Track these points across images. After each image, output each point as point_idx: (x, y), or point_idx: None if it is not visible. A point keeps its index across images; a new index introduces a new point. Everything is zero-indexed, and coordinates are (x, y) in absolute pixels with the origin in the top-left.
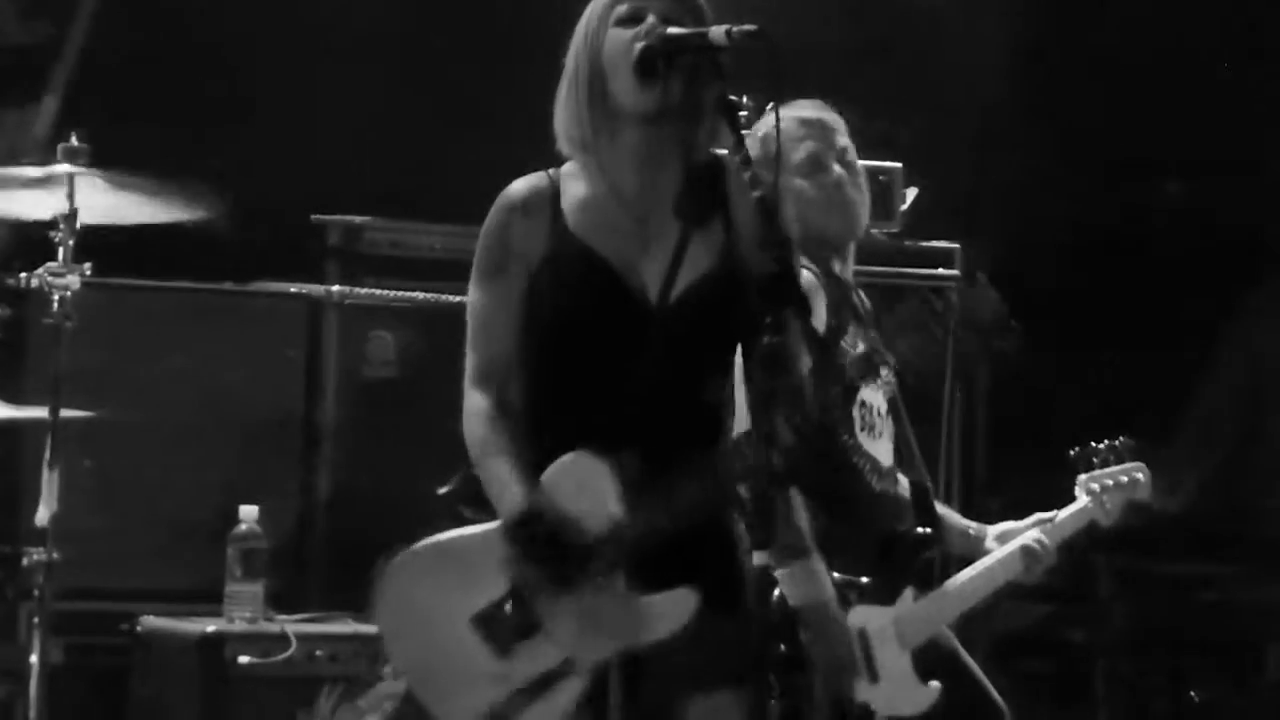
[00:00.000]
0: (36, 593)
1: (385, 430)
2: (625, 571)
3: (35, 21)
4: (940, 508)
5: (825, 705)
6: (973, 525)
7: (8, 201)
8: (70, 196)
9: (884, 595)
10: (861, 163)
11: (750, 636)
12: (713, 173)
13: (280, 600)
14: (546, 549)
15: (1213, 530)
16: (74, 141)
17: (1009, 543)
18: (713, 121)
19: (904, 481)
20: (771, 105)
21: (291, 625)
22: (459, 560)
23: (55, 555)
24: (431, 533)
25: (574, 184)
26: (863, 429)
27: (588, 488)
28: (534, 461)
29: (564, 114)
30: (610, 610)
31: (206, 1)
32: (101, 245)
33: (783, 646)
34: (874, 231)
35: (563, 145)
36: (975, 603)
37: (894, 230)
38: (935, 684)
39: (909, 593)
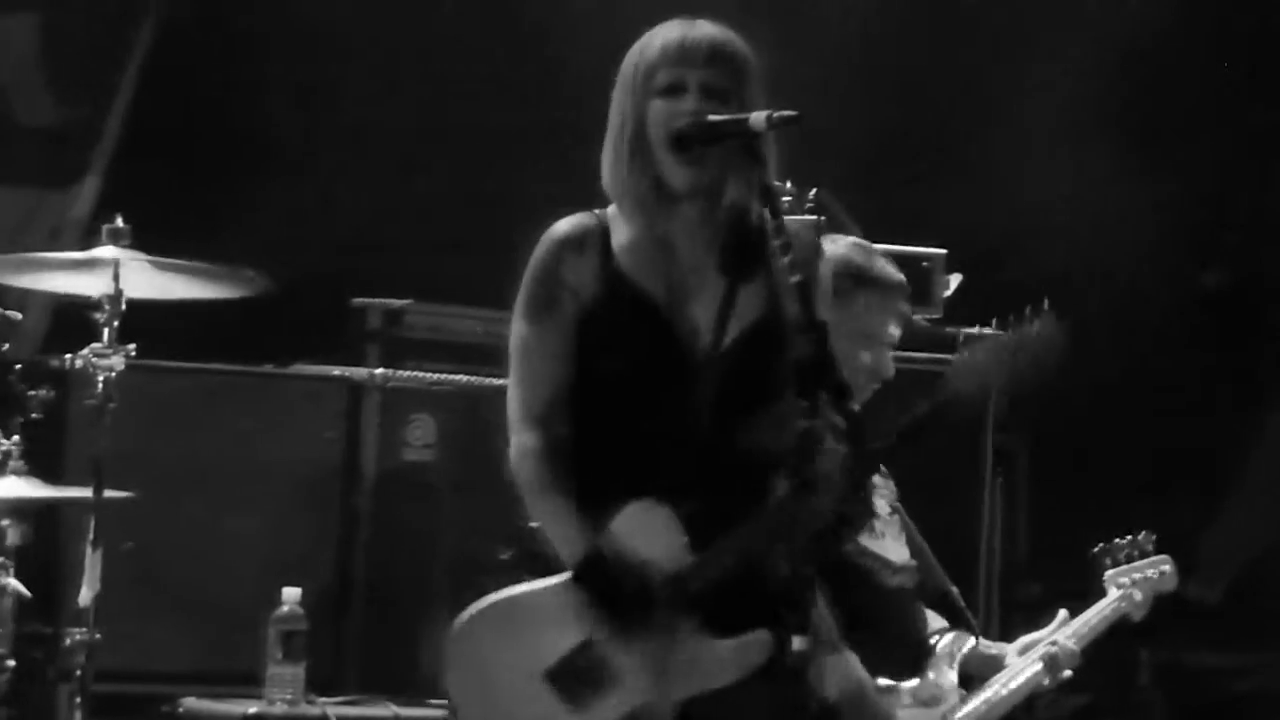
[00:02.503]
0: (78, 674)
1: (424, 514)
2: (696, 617)
3: (75, 104)
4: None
5: None
6: (993, 645)
7: (50, 283)
8: (115, 277)
9: (926, 700)
10: (902, 248)
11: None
12: (755, 227)
13: (319, 682)
14: (616, 588)
15: (1249, 619)
16: (118, 223)
17: (1031, 652)
18: (753, 198)
19: (917, 577)
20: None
21: (332, 708)
22: (528, 614)
23: (96, 636)
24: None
25: (621, 225)
26: (862, 530)
27: (655, 536)
28: (584, 502)
29: (610, 172)
30: (682, 656)
31: (247, 84)
32: (144, 326)
33: None
34: (915, 317)
35: (610, 194)
36: (1009, 708)
37: (935, 316)
38: None
39: (955, 695)
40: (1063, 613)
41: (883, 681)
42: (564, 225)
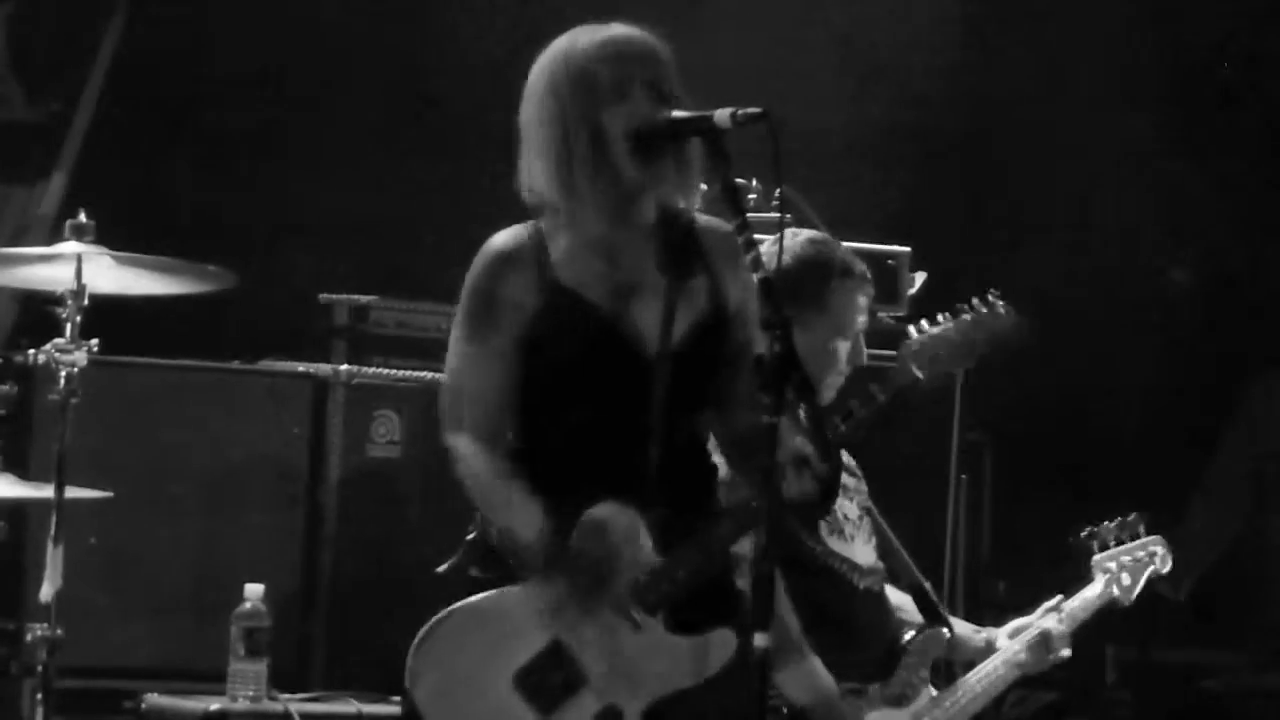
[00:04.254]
0: (40, 669)
1: (389, 509)
2: (662, 617)
3: (43, 100)
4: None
5: None
6: (983, 630)
7: (15, 278)
8: (78, 273)
9: (897, 698)
10: (869, 246)
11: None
12: (686, 227)
13: (282, 679)
14: (584, 553)
15: (1216, 618)
16: (82, 218)
17: (1022, 636)
18: (681, 196)
19: (887, 580)
20: (777, 188)
21: (295, 705)
22: (495, 620)
23: (59, 632)
24: (436, 610)
25: (557, 235)
26: (831, 533)
27: (623, 538)
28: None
29: (554, 178)
30: (651, 655)
31: (214, 83)
32: (108, 322)
33: None
34: (880, 315)
35: (533, 199)
36: (989, 700)
37: (900, 314)
38: None
39: (926, 692)
40: (1058, 597)
41: (850, 685)
42: (499, 240)
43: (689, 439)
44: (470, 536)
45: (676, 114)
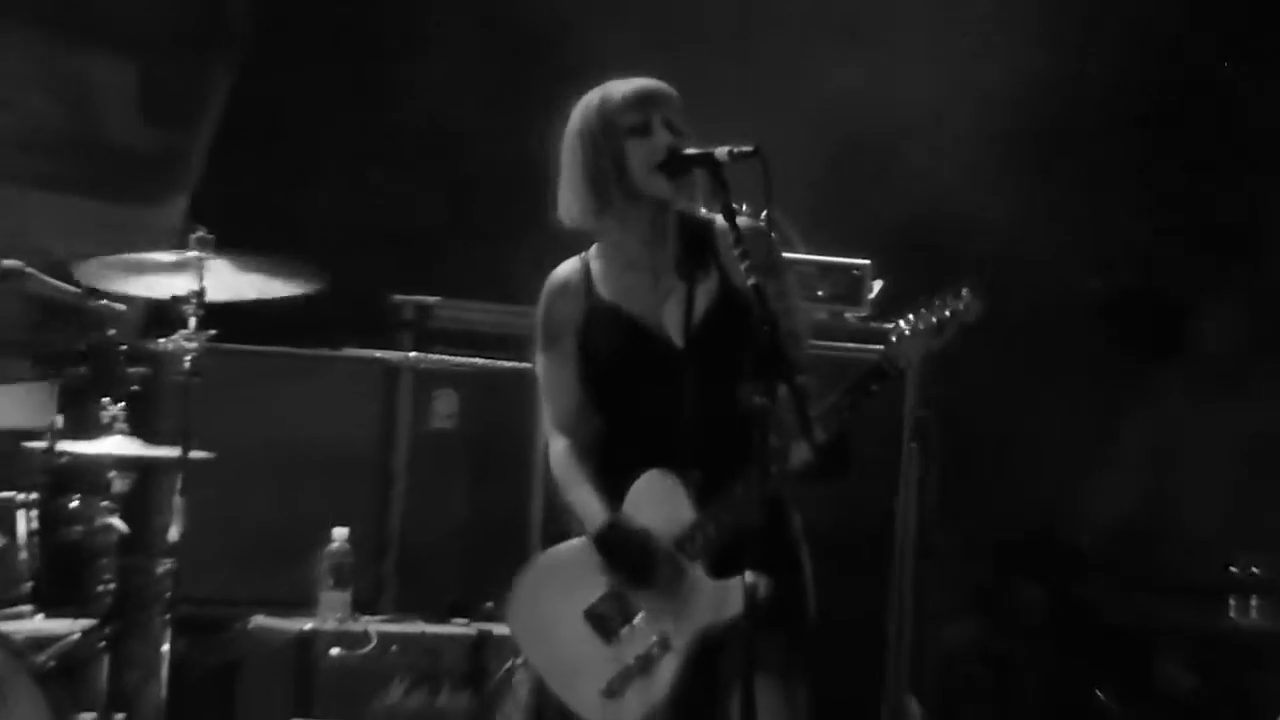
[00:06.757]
0: (167, 597)
1: (446, 471)
2: (704, 563)
3: (167, 134)
4: None
5: None
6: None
7: (147, 281)
8: (199, 277)
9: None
10: (837, 259)
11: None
12: (702, 233)
13: (363, 605)
14: (625, 553)
15: (1115, 565)
16: (201, 232)
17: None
18: (712, 210)
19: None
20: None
21: (372, 625)
22: (568, 568)
23: (181, 566)
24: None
25: (598, 261)
26: None
27: (664, 499)
28: (611, 483)
29: (576, 197)
30: (692, 595)
31: (307, 115)
32: (221, 316)
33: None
34: (846, 316)
35: (570, 222)
36: None
37: (863, 314)
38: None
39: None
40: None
41: None
42: (556, 274)
43: (720, 411)
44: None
45: (688, 150)
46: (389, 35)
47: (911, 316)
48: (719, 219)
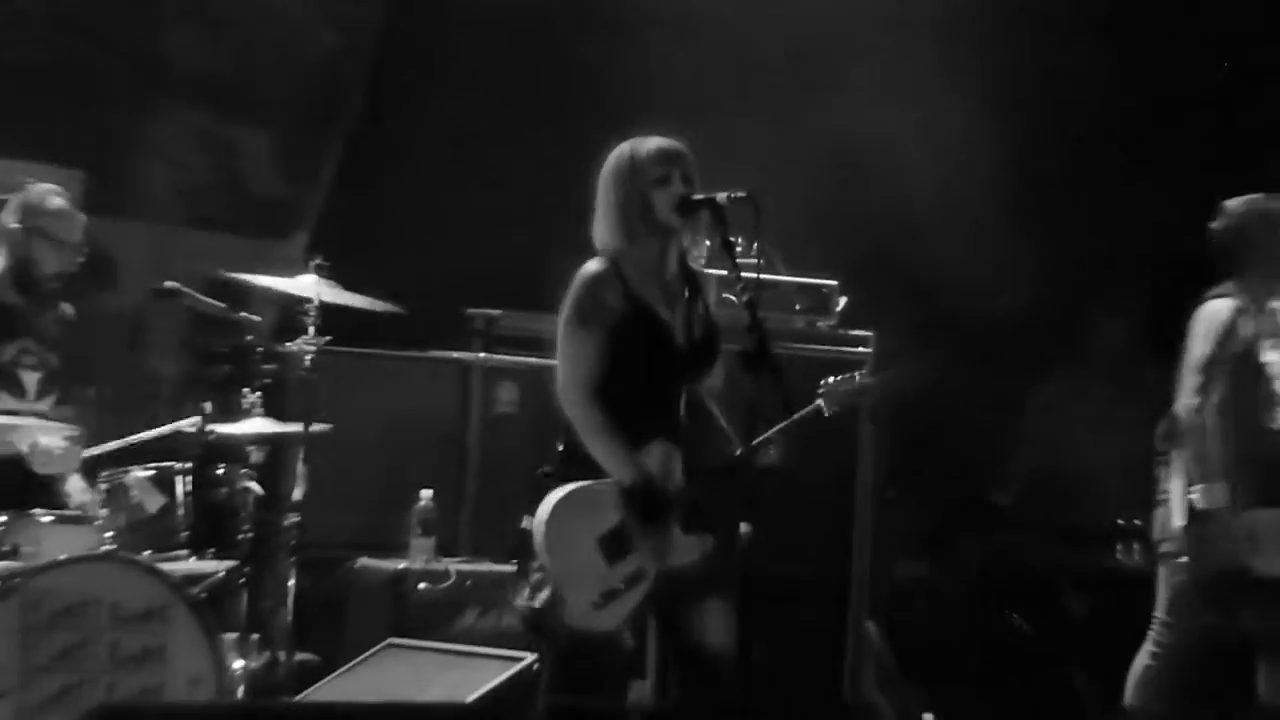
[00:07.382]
0: (292, 543)
1: (509, 447)
2: (681, 519)
3: (292, 181)
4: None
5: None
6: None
7: (277, 299)
8: (316, 295)
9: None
10: (811, 280)
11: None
12: (694, 272)
13: (444, 550)
14: (648, 503)
15: (1028, 518)
16: (319, 260)
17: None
18: (710, 244)
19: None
20: (756, 244)
21: (452, 565)
22: (589, 501)
23: (303, 519)
24: (537, 508)
25: (626, 266)
26: None
27: (668, 467)
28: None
29: (619, 229)
30: (674, 541)
31: (399, 172)
32: (334, 324)
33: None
34: (818, 324)
35: (602, 246)
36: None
37: (832, 324)
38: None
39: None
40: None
41: None
42: (596, 268)
43: (704, 400)
44: (560, 449)
45: (695, 196)
46: (470, 116)
47: (832, 379)
48: (706, 271)
